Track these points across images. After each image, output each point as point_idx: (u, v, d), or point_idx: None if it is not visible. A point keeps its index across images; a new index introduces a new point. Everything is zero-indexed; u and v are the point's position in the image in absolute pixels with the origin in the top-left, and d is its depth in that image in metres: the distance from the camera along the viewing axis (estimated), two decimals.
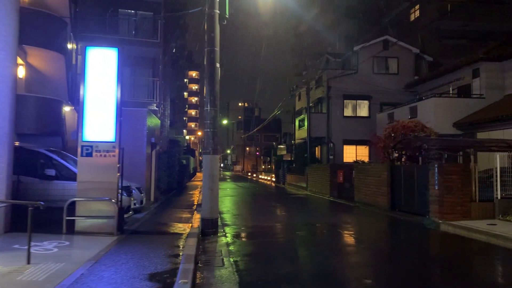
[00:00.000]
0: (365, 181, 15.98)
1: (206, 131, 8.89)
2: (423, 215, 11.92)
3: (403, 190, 13.39)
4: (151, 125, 15.26)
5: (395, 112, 22.52)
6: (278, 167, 34.26)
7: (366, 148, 26.10)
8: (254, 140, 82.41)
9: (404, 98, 24.89)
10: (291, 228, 10.57)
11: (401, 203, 13.51)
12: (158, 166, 16.87)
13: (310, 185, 23.97)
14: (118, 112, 8.41)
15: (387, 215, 13.30)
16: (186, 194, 20.44)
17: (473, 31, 31.45)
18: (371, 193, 15.42)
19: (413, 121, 15.06)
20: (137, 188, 12.13)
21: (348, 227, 10.79)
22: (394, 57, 26.75)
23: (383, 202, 14.37)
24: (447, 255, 8.04)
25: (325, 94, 26.51)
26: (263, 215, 13.23)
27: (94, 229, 8.08)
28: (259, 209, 15.05)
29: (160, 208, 14.08)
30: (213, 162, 8.87)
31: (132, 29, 20.82)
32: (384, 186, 14.30)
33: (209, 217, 8.71)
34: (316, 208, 15.99)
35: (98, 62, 8.45)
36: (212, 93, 8.83)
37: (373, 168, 15.25)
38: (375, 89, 26.10)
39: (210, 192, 8.79)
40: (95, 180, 8.19)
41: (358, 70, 26.38)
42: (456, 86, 20.26)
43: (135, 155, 13.32)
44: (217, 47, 8.93)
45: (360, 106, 26.74)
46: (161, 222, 10.47)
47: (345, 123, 26.41)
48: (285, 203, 17.42)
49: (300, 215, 13.13)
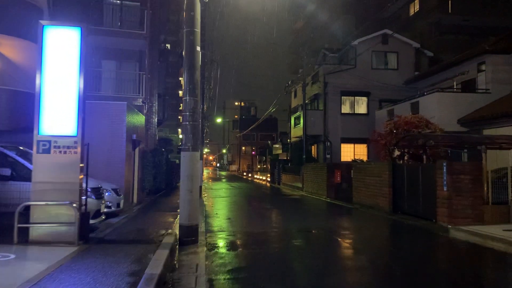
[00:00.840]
0: (364, 181, 14.86)
1: (185, 125, 7.74)
2: (429, 219, 10.82)
3: (407, 191, 12.28)
4: (133, 121, 14.08)
5: (395, 108, 21.43)
6: (273, 167, 33.12)
7: (365, 146, 25.05)
8: (250, 140, 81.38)
9: (403, 95, 23.82)
10: (284, 235, 9.41)
11: (404, 206, 12.40)
12: (142, 166, 15.69)
13: (306, 186, 22.84)
14: (81, 102, 7.24)
15: (389, 219, 12.19)
16: (174, 195, 19.25)
17: (475, 26, 30.45)
18: (371, 194, 14.30)
19: (416, 117, 13.94)
20: (114, 190, 10.96)
21: (347, 234, 9.64)
22: (393, 51, 25.67)
23: (384, 204, 13.26)
24: (464, 268, 6.91)
25: (322, 90, 25.38)
26: (254, 219, 12.08)
27: (52, 238, 6.91)
28: (250, 212, 13.89)
29: (142, 211, 12.91)
30: (193, 160, 7.71)
31: (117, 20, 19.62)
32: (385, 187, 13.19)
33: (187, 223, 7.55)
34: (312, 210, 14.85)
35: (58, 44, 7.27)
36: (192, 80, 7.67)
37: (373, 168, 14.14)
38: (374, 85, 25.01)
39: (189, 194, 7.63)
40: (53, 180, 7.03)
41: (356, 65, 25.28)
42: (459, 81, 19.17)
43: (113, 153, 12.15)
44: (197, 28, 7.78)
45: (358, 103, 25.63)
46: (138, 227, 9.30)
47: (343, 120, 25.30)
48: (279, 205, 16.27)
49: (294, 219, 11.97)
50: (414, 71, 25.67)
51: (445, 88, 17.94)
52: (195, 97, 7.69)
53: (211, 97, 50.16)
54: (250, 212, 13.66)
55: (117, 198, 10.93)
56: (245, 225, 10.69)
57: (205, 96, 46.60)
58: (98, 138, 12.14)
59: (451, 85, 19.26)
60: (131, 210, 13.00)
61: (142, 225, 9.68)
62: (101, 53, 19.82)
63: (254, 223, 11.12)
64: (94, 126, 12.18)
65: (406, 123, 13.54)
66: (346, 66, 25.38)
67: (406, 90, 24.69)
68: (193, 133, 7.68)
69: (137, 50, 20.06)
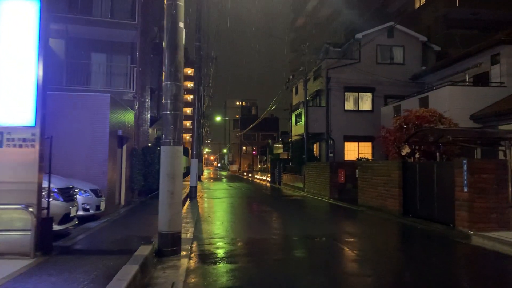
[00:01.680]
0: (371, 181, 13.68)
1: (165, 114, 6.58)
2: (446, 224, 9.64)
3: (419, 192, 11.09)
4: (120, 116, 12.93)
5: (402, 104, 20.25)
6: (273, 166, 31.95)
7: (369, 145, 23.89)
8: (251, 139, 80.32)
9: (410, 90, 22.66)
10: (284, 244, 8.22)
11: (416, 208, 11.22)
12: (131, 164, 14.54)
13: (308, 186, 21.67)
14: (40, 87, 6.08)
15: (399, 223, 11.01)
16: None
17: (483, 20, 29.27)
18: (378, 195, 13.12)
19: (429, 111, 12.73)
20: (93, 190, 9.81)
21: (354, 242, 8.46)
22: (399, 45, 24.46)
23: (393, 207, 12.08)
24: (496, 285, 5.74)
25: (324, 86, 24.20)
26: (252, 223, 10.89)
27: (4, 249, 5.76)
28: (247, 215, 12.71)
29: (127, 213, 11.76)
30: (175, 156, 6.55)
31: (107, 10, 18.48)
32: (395, 187, 12.00)
33: (168, 230, 6.39)
34: (315, 213, 13.68)
35: (14, 20, 6.12)
36: (173, 61, 6.50)
37: (381, 166, 12.95)
38: (379, 81, 23.85)
39: (170, 196, 6.47)
40: (6, 180, 5.87)
41: (361, 59, 24.08)
42: (472, 74, 17.97)
43: (94, 150, 11.00)
44: (180, 0, 6.60)
45: (363, 99, 24.44)
46: (116, 234, 8.15)
47: (346, 117, 24.12)
48: (280, 207, 15.10)
49: (295, 224, 10.80)
50: (421, 66, 24.47)
51: (457, 81, 16.73)
52: (178, 82, 6.52)
53: (210, 95, 49.08)
54: (247, 215, 12.48)
55: (97, 200, 9.77)
56: (240, 230, 9.50)
57: (204, 93, 45.48)
58: (78, 133, 11.01)
59: (463, 79, 18.07)
60: (117, 212, 11.86)
61: (122, 231, 8.53)
62: (90, 46, 18.71)
63: (251, 228, 9.94)
64: (73, 120, 11.06)
65: (418, 118, 12.35)
66: (349, 60, 24.20)
67: (413, 86, 23.53)
68: (175, 124, 6.52)
69: (129, 43, 18.92)
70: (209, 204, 15.58)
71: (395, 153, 12.68)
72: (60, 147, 10.79)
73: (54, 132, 6.66)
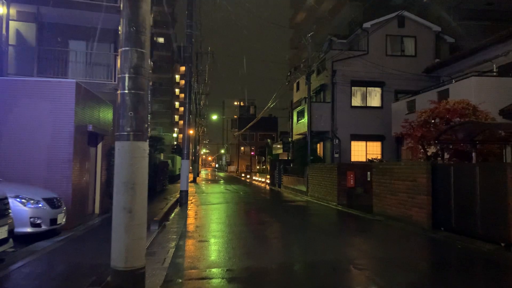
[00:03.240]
0: (389, 186, 11.61)
1: (122, 95, 4.53)
2: (494, 242, 7.58)
3: (455, 201, 9.04)
4: (92, 109, 10.86)
5: (417, 99, 18.22)
6: (273, 168, 29.85)
7: (378, 144, 21.85)
8: (249, 140, 78.38)
9: (422, 85, 20.63)
10: (291, 279, 6.07)
11: (450, 220, 9.16)
12: (108, 166, 12.45)
13: (312, 189, 19.60)
14: None
15: (431, 239, 8.95)
16: (157, 201, 16.04)
17: (498, 10, 27.24)
18: (399, 203, 11.06)
19: (461, 102, 10.64)
20: (47, 200, 7.73)
21: (384, 272, 6.37)
22: (411, 36, 22.45)
23: (420, 217, 10.01)
24: None
25: (329, 80, 22.14)
26: (248, 242, 8.65)
27: None
28: (245, 229, 10.48)
29: (98, 226, 9.70)
30: (135, 155, 4.48)
31: None
32: (422, 195, 9.94)
33: (123, 267, 4.30)
34: (324, 225, 11.58)
35: None
36: (134, 18, 4.43)
37: (403, 169, 10.87)
38: (388, 74, 21.82)
39: (127, 216, 4.41)
40: None
41: (369, 51, 22.07)
42: (498, 64, 15.91)
43: (55, 148, 8.91)
44: None
45: (371, 94, 22.39)
46: (63, 262, 6.08)
47: (353, 114, 22.07)
48: (282, 217, 12.95)
49: (301, 241, 8.68)
50: (434, 59, 22.44)
51: (485, 71, 14.63)
52: (140, 48, 4.45)
53: (207, 92, 47.07)
54: (244, 229, 10.27)
55: (52, 212, 7.68)
56: (234, 255, 7.29)
57: (200, 91, 43.45)
58: (35, 127, 8.93)
59: (488, 70, 16.01)
60: (86, 224, 9.79)
61: (75, 257, 6.47)
62: (68, 32, 16.72)
63: (247, 250, 7.76)
64: (29, 112, 8.98)
65: (448, 111, 10.30)
66: (357, 52, 22.15)
67: (426, 80, 21.52)
68: (135, 110, 4.45)
69: (112, 29, 16.81)
70: (200, 212, 13.50)
71: (420, 153, 10.63)
72: (11, 145, 8.72)
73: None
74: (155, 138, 30.37)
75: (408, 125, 10.97)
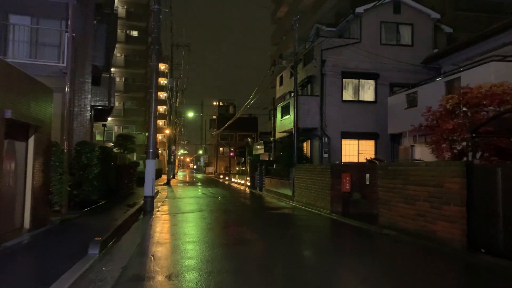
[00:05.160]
0: (403, 192, 9.24)
1: None
2: None
3: (504, 213, 6.71)
4: (15, 91, 8.11)
5: (420, 91, 16.06)
6: (254, 169, 27.33)
7: (372, 143, 19.62)
8: (228, 140, 75.82)
9: (420, 77, 18.51)
10: None
11: (496, 240, 6.83)
12: (45, 166, 9.70)
13: (299, 194, 17.18)
14: None
15: (469, 265, 6.64)
16: (117, 208, 13.32)
17: (494, 2, 25.50)
18: (417, 214, 8.70)
19: (500, 85, 8.33)
20: None
21: None
22: (407, 23, 20.32)
23: (450, 234, 7.66)
24: None
25: (318, 71, 19.78)
26: (223, 278, 6.11)
27: None
28: (220, 253, 7.84)
29: (20, 249, 7.00)
30: None
31: None
32: (453, 204, 7.59)
33: None
34: (323, 244, 9.07)
35: None
36: None
37: (423, 171, 8.50)
38: (383, 66, 19.64)
39: None
40: None
41: (362, 39, 19.85)
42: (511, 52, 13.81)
43: None
44: None
45: (364, 88, 20.14)
46: None
47: (344, 109, 19.79)
48: (267, 233, 10.25)
49: (299, 275, 6.18)
50: (432, 49, 20.36)
51: (507, 56, 12.41)
52: None
53: (184, 88, 44.18)
54: (218, 254, 7.59)
55: None
56: None
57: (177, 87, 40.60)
58: None
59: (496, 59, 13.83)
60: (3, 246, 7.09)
61: None
62: (8, 5, 13.84)
63: None
64: None
65: (485, 97, 7.99)
66: (349, 40, 19.87)
67: (424, 72, 19.45)
68: None
69: (62, 3, 13.97)
70: (166, 225, 10.87)
71: (447, 151, 8.30)
72: None
73: None
74: (124, 137, 27.47)
75: (432, 115, 8.60)
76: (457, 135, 7.99)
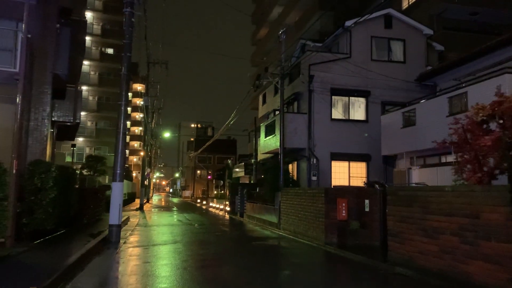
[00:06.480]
0: (422, 223, 7.64)
1: None
2: None
3: None
4: None
5: (418, 109, 14.77)
6: (234, 193, 25.47)
7: (363, 165, 18.17)
8: (206, 163, 73.81)
9: (413, 96, 17.36)
10: None
11: None
12: None
13: (286, 221, 15.42)
14: None
15: None
16: (76, 239, 11.22)
17: (483, 22, 25.02)
18: (441, 250, 7.09)
19: None
20: None
21: None
22: (399, 39, 19.25)
23: (492, 279, 6.05)
24: None
25: (306, 88, 18.36)
26: None
27: None
28: None
29: None
30: None
31: None
32: (495, 240, 6.01)
33: None
34: None
35: None
36: None
37: (449, 197, 6.94)
38: (374, 83, 18.43)
39: None
40: None
41: (352, 54, 18.64)
42: None
43: None
44: None
45: (354, 106, 18.80)
46: None
47: (334, 129, 18.34)
48: (256, 274, 8.43)
49: None
50: (425, 66, 19.30)
51: None
52: None
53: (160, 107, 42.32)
54: None
55: None
56: None
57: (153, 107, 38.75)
58: None
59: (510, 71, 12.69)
60: None
61: None
62: None
63: None
64: None
65: None
66: (338, 55, 18.61)
67: (418, 91, 18.28)
68: None
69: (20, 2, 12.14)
70: (132, 262, 8.92)
71: (478, 171, 6.78)
72: None
73: None
74: (95, 158, 25.33)
75: (461, 129, 7.10)
76: (495, 153, 6.50)
